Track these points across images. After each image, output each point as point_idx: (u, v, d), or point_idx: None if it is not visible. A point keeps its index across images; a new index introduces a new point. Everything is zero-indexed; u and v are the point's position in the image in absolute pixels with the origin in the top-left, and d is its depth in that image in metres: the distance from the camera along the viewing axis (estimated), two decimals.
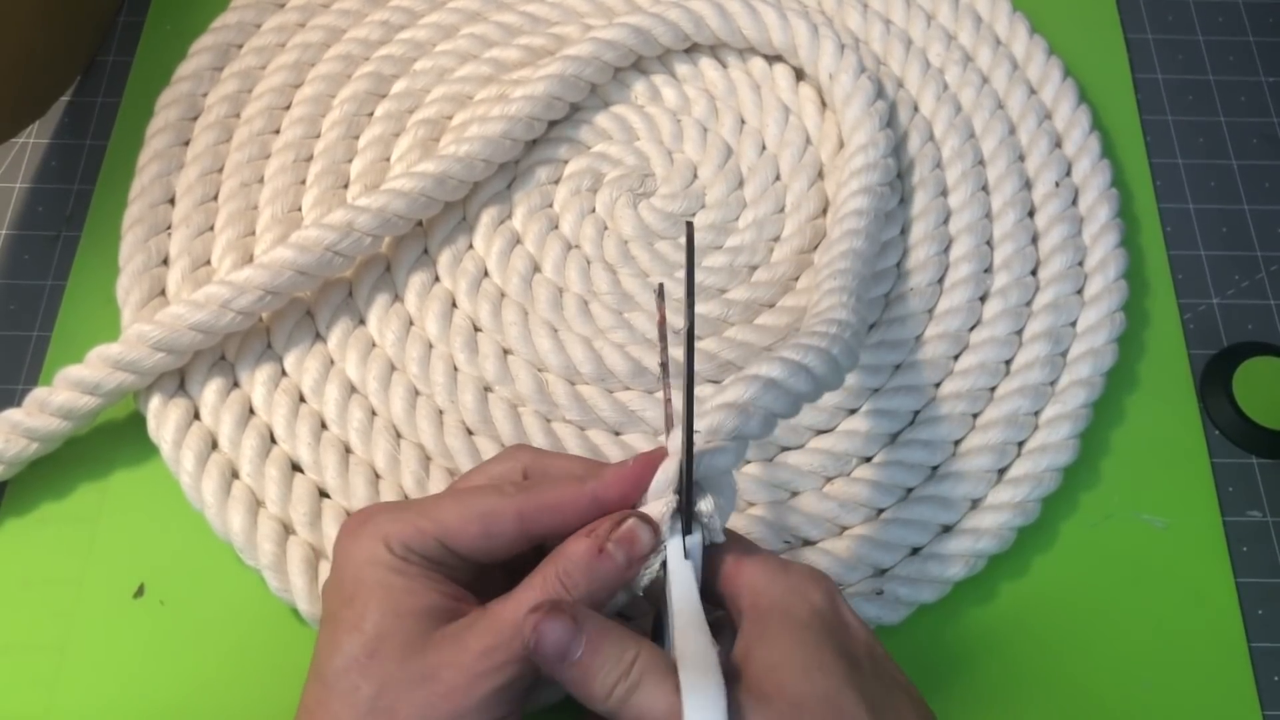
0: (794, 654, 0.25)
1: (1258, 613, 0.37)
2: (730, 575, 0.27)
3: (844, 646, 0.26)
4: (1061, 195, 0.42)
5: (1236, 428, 0.40)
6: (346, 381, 0.38)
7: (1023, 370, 0.39)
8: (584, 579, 0.26)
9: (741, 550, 0.28)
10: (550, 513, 0.27)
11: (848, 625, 0.27)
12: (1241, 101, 0.48)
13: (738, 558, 0.27)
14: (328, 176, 0.42)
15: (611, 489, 0.27)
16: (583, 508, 0.27)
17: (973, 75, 0.45)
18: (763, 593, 0.26)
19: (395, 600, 0.26)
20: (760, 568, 0.27)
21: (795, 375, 0.30)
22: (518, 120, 0.41)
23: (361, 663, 0.25)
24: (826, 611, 0.26)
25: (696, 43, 0.44)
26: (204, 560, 0.36)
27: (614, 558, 0.26)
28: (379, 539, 0.26)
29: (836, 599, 0.27)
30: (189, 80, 0.44)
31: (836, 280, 0.36)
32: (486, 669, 0.25)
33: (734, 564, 0.27)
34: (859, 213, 0.39)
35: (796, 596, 0.26)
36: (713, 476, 0.27)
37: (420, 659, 0.25)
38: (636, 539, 0.26)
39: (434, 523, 0.27)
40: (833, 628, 0.26)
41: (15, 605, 0.35)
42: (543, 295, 0.40)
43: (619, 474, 0.27)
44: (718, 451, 0.27)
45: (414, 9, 0.46)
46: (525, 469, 0.29)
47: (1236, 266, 0.44)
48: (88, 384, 0.35)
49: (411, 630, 0.25)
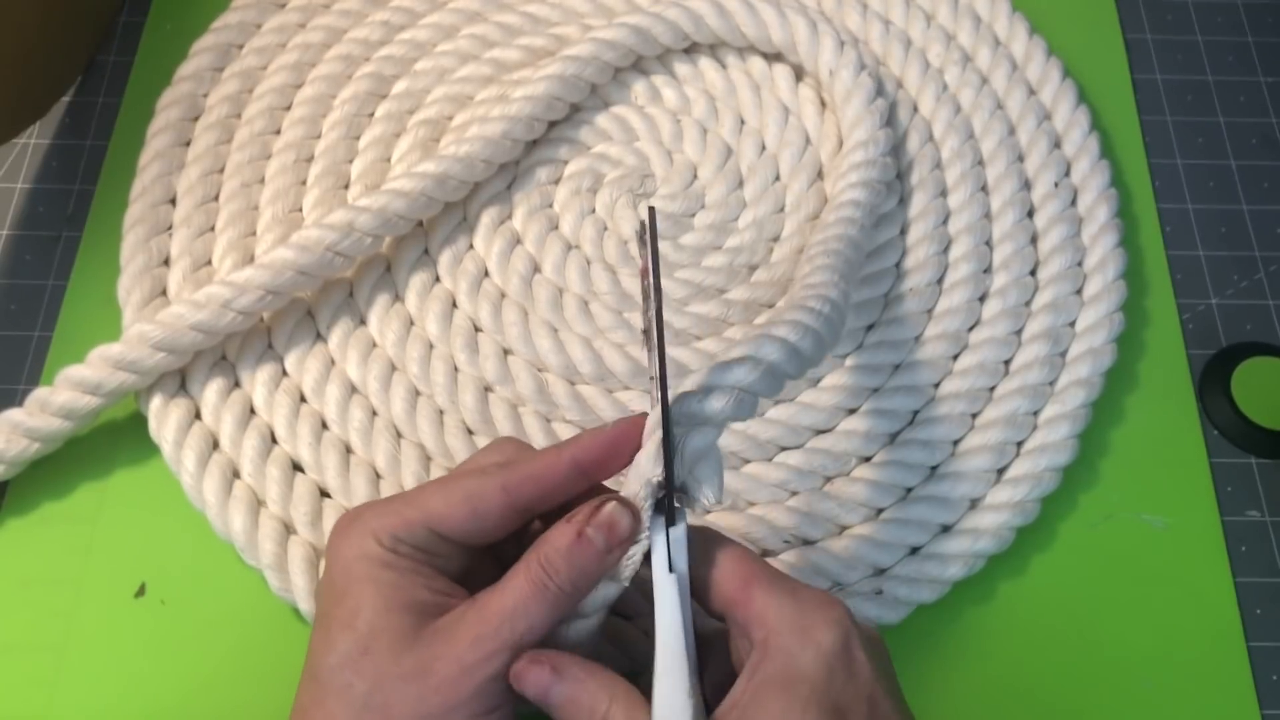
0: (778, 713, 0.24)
1: (1256, 612, 0.37)
2: (739, 600, 0.26)
3: (838, 704, 0.25)
4: (1060, 195, 0.42)
5: (1235, 428, 0.40)
6: (347, 381, 0.38)
7: (1022, 370, 0.39)
8: (565, 565, 0.26)
9: (748, 568, 0.27)
10: (533, 483, 0.27)
11: (853, 669, 0.25)
12: (1240, 102, 0.48)
13: (745, 578, 0.26)
14: (328, 177, 0.42)
15: (590, 452, 0.27)
16: (563, 473, 0.27)
17: (972, 76, 0.45)
18: (773, 631, 0.25)
19: (386, 596, 0.26)
20: (773, 600, 0.26)
21: (788, 358, 0.29)
22: (518, 120, 0.41)
23: (355, 660, 0.25)
24: (833, 656, 0.25)
25: (696, 42, 0.44)
26: (205, 560, 0.36)
27: (594, 543, 0.26)
28: (368, 534, 0.26)
29: (849, 635, 0.26)
30: (190, 80, 0.44)
31: (829, 258, 0.35)
32: (477, 659, 0.25)
33: (741, 586, 0.26)
34: (855, 203, 0.39)
35: (806, 641, 0.25)
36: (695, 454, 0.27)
37: (412, 654, 0.25)
38: (616, 523, 0.26)
39: (421, 511, 0.27)
40: (833, 678, 0.25)
41: (15, 605, 0.35)
42: (543, 295, 0.40)
43: (596, 437, 0.27)
44: (698, 433, 0.27)
45: (414, 9, 0.46)
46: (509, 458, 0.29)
47: (1235, 267, 0.44)
48: (89, 384, 0.35)
49: (403, 626, 0.25)
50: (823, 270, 0.35)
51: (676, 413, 0.28)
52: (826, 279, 0.34)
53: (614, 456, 0.28)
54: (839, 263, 0.35)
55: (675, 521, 0.27)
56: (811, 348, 0.30)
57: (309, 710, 0.26)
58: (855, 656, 0.26)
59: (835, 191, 0.40)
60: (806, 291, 0.33)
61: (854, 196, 0.39)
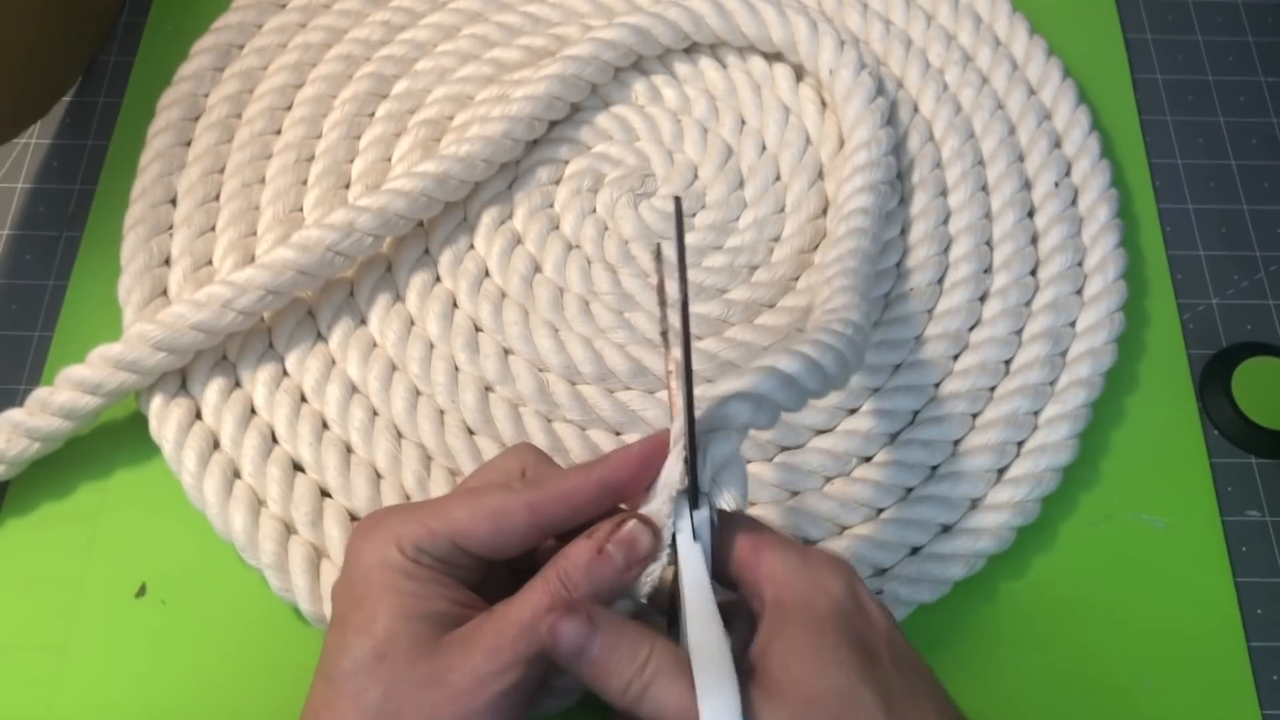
0: (810, 649, 0.25)
1: (1257, 612, 0.37)
2: (749, 563, 0.27)
3: (862, 638, 0.25)
4: (1061, 195, 0.42)
5: (1235, 428, 0.40)
6: (348, 381, 0.38)
7: (1022, 370, 0.39)
8: (584, 580, 0.26)
9: (758, 535, 0.27)
10: (560, 502, 0.27)
11: (868, 614, 0.26)
12: (1241, 101, 0.48)
13: (755, 544, 0.27)
14: (329, 177, 0.42)
15: (619, 472, 0.27)
16: (592, 494, 0.27)
17: (972, 76, 0.45)
18: (783, 584, 0.26)
19: (405, 604, 0.26)
20: (780, 558, 0.27)
21: (809, 372, 0.30)
22: (519, 120, 0.41)
23: (370, 665, 0.25)
24: (845, 602, 0.26)
25: (696, 41, 0.44)
26: (205, 560, 0.36)
27: (613, 559, 0.26)
28: (390, 541, 0.26)
29: (856, 586, 0.27)
30: (190, 81, 0.44)
31: (847, 279, 0.36)
32: (493, 671, 0.25)
33: (751, 550, 0.27)
34: (863, 211, 0.39)
35: (816, 588, 0.26)
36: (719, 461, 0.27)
37: (428, 662, 0.25)
38: (636, 541, 0.26)
39: (445, 523, 0.27)
40: (851, 619, 0.26)
41: (16, 605, 0.35)
42: (543, 295, 0.40)
43: (624, 457, 0.28)
44: (722, 439, 0.27)
45: (415, 9, 0.46)
46: (525, 468, 0.29)
47: (1236, 267, 0.44)
48: (89, 384, 0.35)
49: (420, 634, 0.25)
50: (842, 292, 0.35)
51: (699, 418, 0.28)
52: (847, 301, 0.34)
53: (642, 475, 0.28)
54: (857, 281, 0.36)
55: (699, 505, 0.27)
56: (834, 365, 0.30)
57: (321, 712, 0.26)
58: (866, 604, 0.27)
59: (841, 198, 0.40)
60: (829, 317, 0.33)
61: (861, 204, 0.39)
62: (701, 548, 0.27)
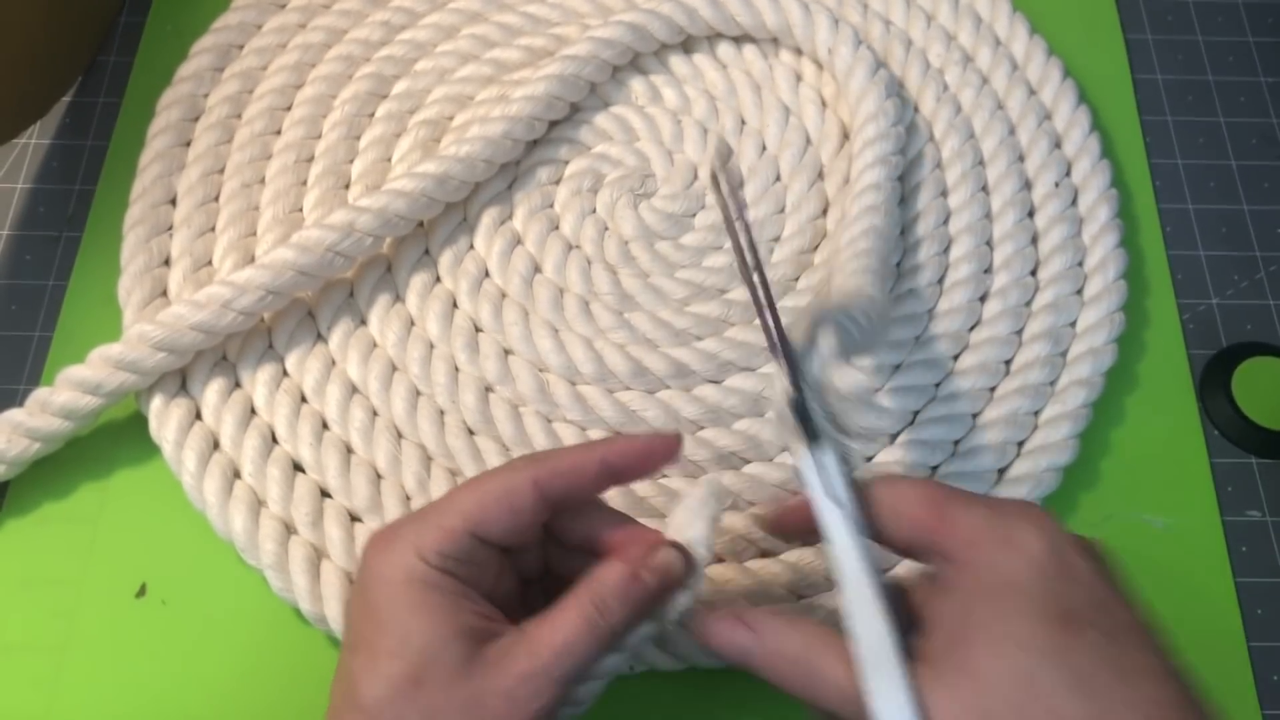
0: (991, 627, 0.23)
1: (1257, 612, 0.37)
2: (928, 523, 0.25)
3: (1063, 606, 0.23)
4: (1061, 196, 0.42)
5: (1235, 428, 0.40)
6: (348, 382, 0.38)
7: (1022, 370, 0.39)
8: (618, 605, 0.26)
9: (936, 490, 0.26)
10: (563, 477, 0.27)
11: (1072, 572, 0.24)
12: (1241, 102, 0.48)
13: (934, 499, 0.25)
14: (329, 177, 0.42)
15: (622, 456, 0.28)
16: (594, 473, 0.27)
17: (972, 76, 0.45)
18: (972, 545, 0.24)
19: (436, 622, 0.25)
20: (968, 515, 0.25)
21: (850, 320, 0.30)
22: (518, 120, 0.41)
23: (408, 692, 0.25)
24: (1045, 561, 0.24)
25: (691, 35, 0.44)
26: (206, 560, 0.36)
27: (647, 584, 0.26)
28: (411, 551, 0.26)
29: (1058, 539, 0.24)
30: (190, 81, 0.44)
31: (860, 260, 0.36)
32: (529, 693, 0.25)
33: (930, 507, 0.25)
34: (876, 186, 0.39)
35: (1011, 550, 0.24)
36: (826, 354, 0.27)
37: (465, 685, 0.25)
38: (670, 568, 0.27)
39: (459, 516, 0.26)
40: (1050, 583, 0.23)
41: (16, 605, 0.35)
42: (543, 295, 0.40)
43: (629, 444, 0.28)
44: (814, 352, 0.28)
45: (415, 10, 0.46)
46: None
47: (1236, 267, 0.44)
48: (89, 384, 0.35)
49: (455, 654, 0.25)
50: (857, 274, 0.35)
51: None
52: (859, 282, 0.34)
53: (644, 463, 0.28)
54: (873, 262, 0.36)
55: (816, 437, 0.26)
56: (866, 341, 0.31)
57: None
58: (1071, 560, 0.24)
59: (853, 174, 0.40)
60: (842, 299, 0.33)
61: (873, 179, 0.39)
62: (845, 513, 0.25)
